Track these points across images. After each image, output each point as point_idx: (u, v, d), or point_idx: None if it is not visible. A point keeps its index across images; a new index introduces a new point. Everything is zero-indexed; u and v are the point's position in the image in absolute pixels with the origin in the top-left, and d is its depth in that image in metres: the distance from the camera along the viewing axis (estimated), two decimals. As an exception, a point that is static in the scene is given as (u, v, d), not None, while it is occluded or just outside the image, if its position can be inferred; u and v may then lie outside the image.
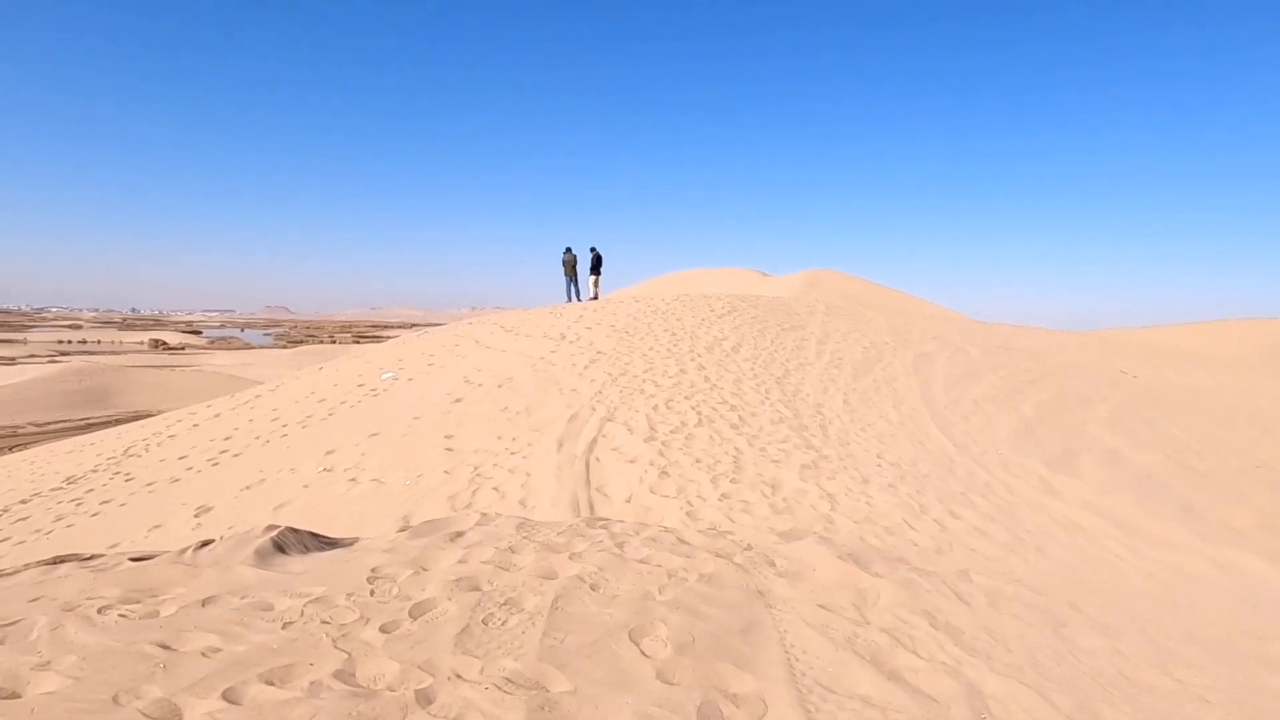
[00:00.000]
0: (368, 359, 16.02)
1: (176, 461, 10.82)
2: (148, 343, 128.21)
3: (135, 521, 8.11)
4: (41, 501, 10.67)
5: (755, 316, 14.43)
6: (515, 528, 3.50)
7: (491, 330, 16.11)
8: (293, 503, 7.07)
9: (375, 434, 8.76)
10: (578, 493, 5.65)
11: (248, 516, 7.02)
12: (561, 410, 8.02)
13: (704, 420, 7.38)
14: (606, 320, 13.99)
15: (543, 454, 6.62)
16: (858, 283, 47.96)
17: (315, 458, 8.47)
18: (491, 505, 5.72)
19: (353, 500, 6.62)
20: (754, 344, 11.71)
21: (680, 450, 6.42)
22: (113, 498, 9.55)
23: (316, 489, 7.30)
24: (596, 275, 20.78)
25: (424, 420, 8.84)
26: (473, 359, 12.76)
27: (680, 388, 8.71)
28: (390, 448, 8.00)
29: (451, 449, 7.34)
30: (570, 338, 12.48)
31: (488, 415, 8.36)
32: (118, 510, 8.90)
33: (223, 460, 10.00)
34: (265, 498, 7.49)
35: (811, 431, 7.46)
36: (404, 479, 6.80)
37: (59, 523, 8.99)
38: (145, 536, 7.42)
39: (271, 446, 10.03)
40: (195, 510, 7.72)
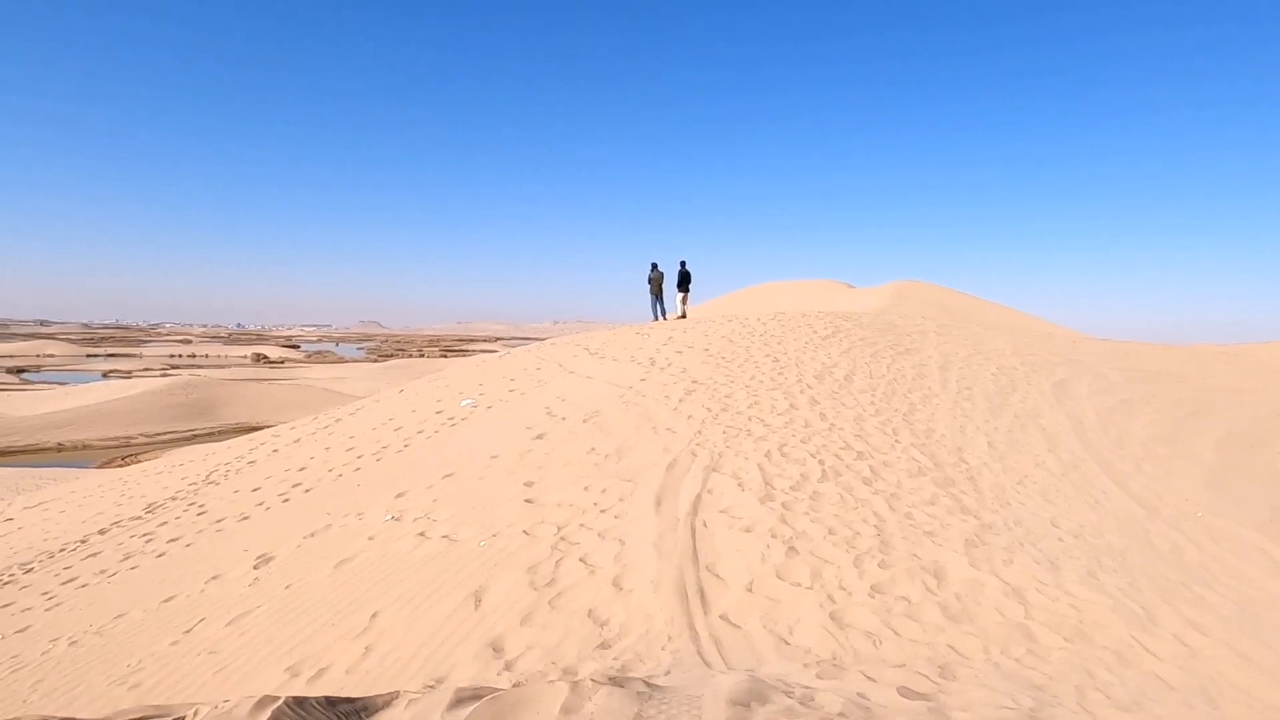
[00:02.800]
0: (447, 382, 15.37)
1: (250, 494, 10.27)
2: (250, 356, 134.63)
3: (196, 569, 7.45)
4: (118, 533, 10.28)
5: (863, 338, 13.07)
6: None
7: (575, 353, 15.23)
8: (355, 559, 6.22)
9: (450, 474, 7.90)
10: (684, 573, 4.56)
11: (307, 574, 6.21)
12: (657, 454, 6.96)
13: (829, 473, 6.18)
14: (699, 343, 12.89)
15: (638, 514, 5.56)
16: (949, 294, 45.34)
17: (385, 500, 7.66)
18: (578, 584, 4.69)
19: (419, 562, 5.71)
20: (868, 371, 10.40)
21: (806, 515, 5.24)
22: (181, 535, 9.00)
23: (382, 542, 6.44)
24: (685, 292, 19.72)
25: (502, 460, 7.93)
26: (555, 386, 11.86)
27: (793, 428, 7.53)
28: (464, 494, 7.10)
29: (531, 500, 6.36)
30: (661, 364, 11.43)
31: (572, 458, 7.37)
32: (182, 552, 8.30)
33: (294, 496, 9.35)
34: (327, 550, 6.68)
35: (960, 487, 6.17)
36: (478, 538, 5.86)
37: (125, 563, 8.46)
38: (202, 590, 6.72)
39: (343, 483, 9.32)
40: (256, 560, 6.99)
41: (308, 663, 4.70)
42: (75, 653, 5.95)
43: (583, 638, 4.11)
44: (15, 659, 6.06)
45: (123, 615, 6.54)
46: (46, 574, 8.80)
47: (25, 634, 6.67)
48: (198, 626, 5.84)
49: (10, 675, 5.74)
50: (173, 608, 6.46)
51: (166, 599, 6.68)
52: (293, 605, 5.70)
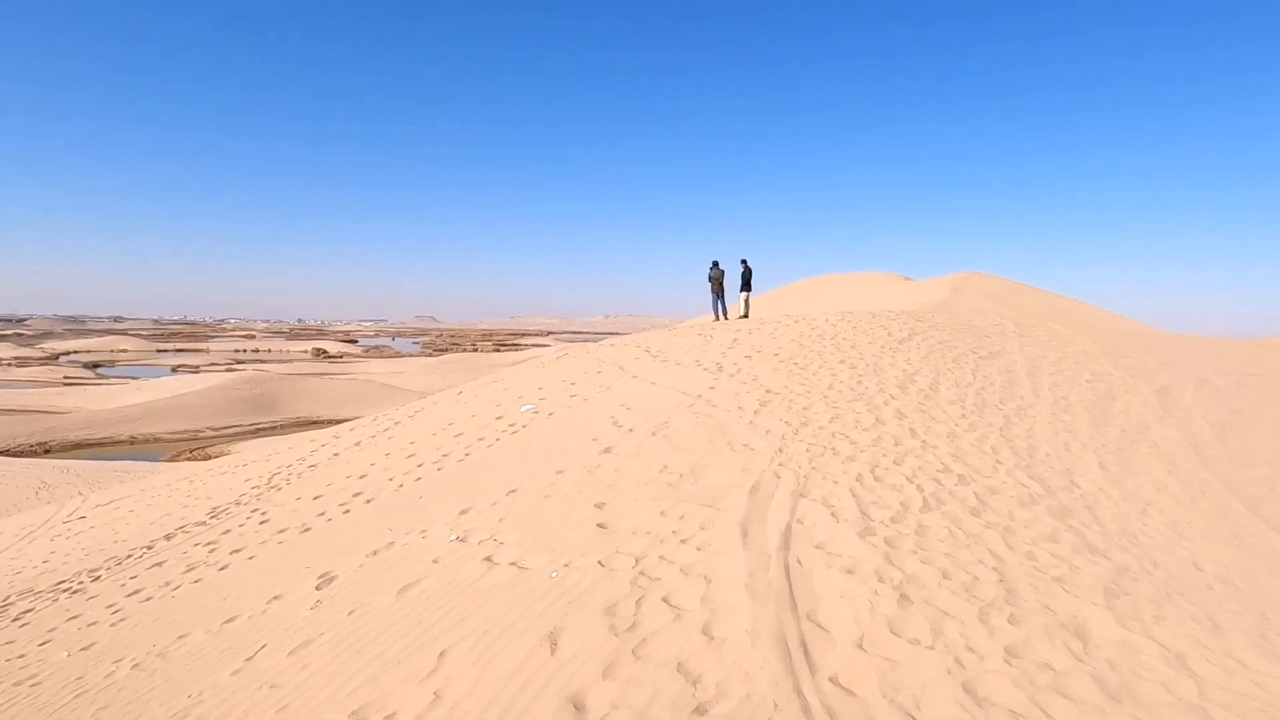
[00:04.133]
0: (506, 385, 15.12)
1: (311, 502, 10.12)
2: (311, 351, 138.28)
3: (258, 585, 7.25)
4: (183, 540, 10.24)
5: (942, 341, 12.35)
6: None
7: (636, 355, 14.82)
8: (420, 584, 5.90)
9: (514, 490, 7.55)
10: (783, 622, 4.08)
11: (369, 599, 5.91)
12: (736, 475, 6.48)
13: (930, 501, 5.62)
14: (768, 347, 12.34)
15: (723, 546, 5.10)
16: (1011, 286, 43.54)
17: (448, 516, 7.35)
18: (664, 630, 4.25)
19: (487, 593, 5.35)
20: (953, 379, 9.73)
21: (914, 553, 4.71)
22: (244, 546, 8.86)
23: (447, 566, 6.11)
24: (747, 291, 19.15)
25: (568, 476, 7.54)
26: (619, 391, 11.46)
27: (883, 446, 6.97)
28: (531, 513, 6.73)
29: (604, 525, 5.95)
30: (729, 370, 10.93)
31: (644, 476, 6.94)
32: (244, 565, 8.14)
33: (354, 507, 9.14)
34: (391, 572, 6.39)
35: (1079, 518, 5.55)
36: (549, 567, 5.47)
37: (188, 574, 8.35)
38: (264, 610, 6.49)
39: (404, 494, 9.08)
40: (318, 579, 6.74)
41: (373, 708, 4.36)
42: (137, 678, 5.75)
43: (674, 698, 3.67)
44: (79, 681, 5.91)
45: (185, 636, 6.35)
46: (113, 583, 8.75)
47: (90, 652, 6.54)
48: (259, 654, 5.58)
49: (74, 700, 5.57)
50: (234, 630, 6.23)
51: (228, 619, 6.47)
52: (356, 635, 5.39)
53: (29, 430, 47.53)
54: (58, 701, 5.55)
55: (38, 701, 5.62)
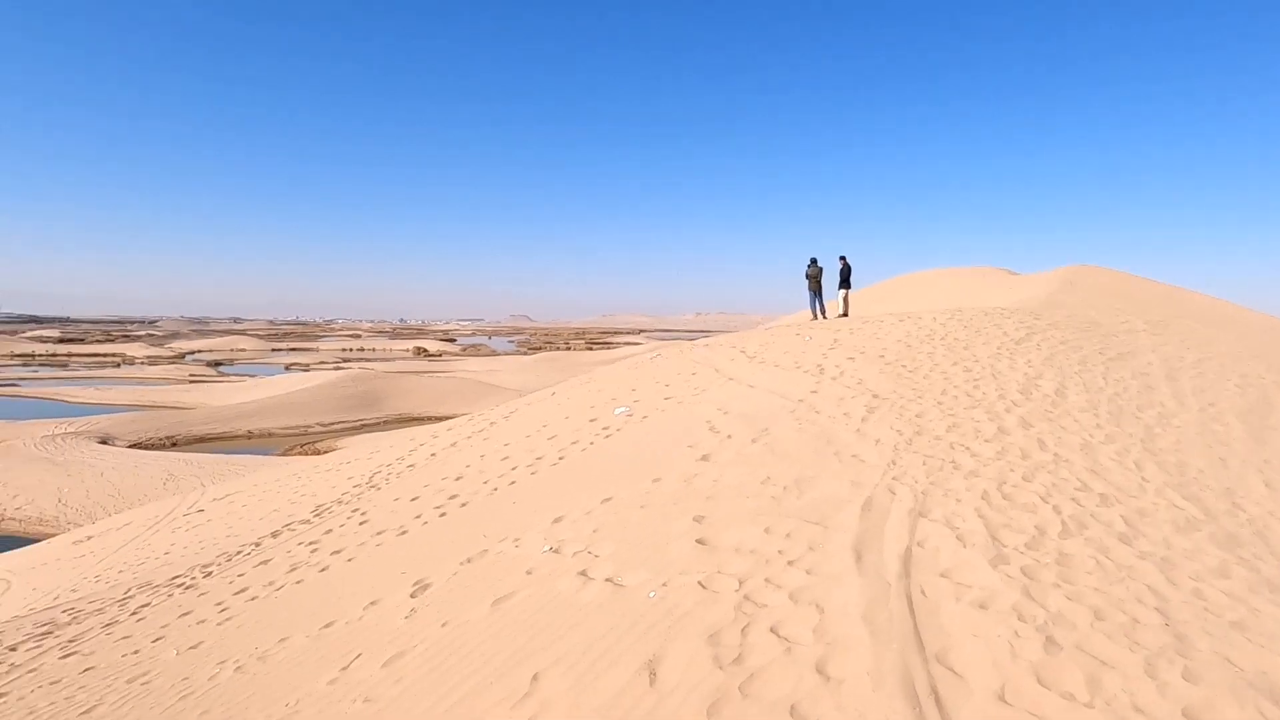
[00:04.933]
0: (600, 386, 14.97)
1: (408, 504, 10.19)
2: (412, 350, 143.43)
3: (355, 588, 7.26)
4: (289, 539, 10.49)
5: (1064, 341, 11.42)
6: None
7: (731, 356, 14.40)
8: (513, 597, 5.72)
9: (608, 499, 7.30)
10: (909, 663, 3.64)
11: (463, 611, 5.77)
12: (845, 489, 6.02)
13: (1071, 525, 5.02)
14: (872, 347, 11.71)
15: (836, 571, 4.68)
16: (1127, 279, 40.50)
17: (541, 525, 7.17)
18: (773, 665, 3.88)
19: (582, 611, 5.10)
20: (1082, 383, 8.91)
21: (1057, 587, 4.17)
22: (343, 547, 8.97)
23: (541, 579, 5.90)
24: (847, 289, 18.42)
25: (665, 485, 7.24)
26: (714, 394, 11.09)
27: (1008, 459, 6.36)
28: (626, 525, 6.46)
29: (704, 541, 5.61)
30: (831, 372, 10.39)
31: (745, 487, 6.56)
32: (343, 567, 8.21)
33: (450, 510, 9.11)
34: (485, 582, 6.24)
35: (1249, 548, 4.85)
36: (646, 585, 5.18)
37: (291, 575, 8.49)
38: (360, 615, 6.46)
39: (498, 499, 8.98)
40: (413, 586, 6.67)
41: (466, 733, 4.19)
42: (239, 681, 5.79)
43: (788, 747, 3.31)
44: (185, 682, 6.01)
45: (285, 639, 6.39)
46: (222, 580, 9.01)
47: (197, 651, 6.67)
48: (355, 664, 5.51)
49: (179, 702, 5.65)
50: (332, 635, 6.22)
51: (326, 624, 6.47)
52: (449, 649, 5.24)
53: (158, 425, 50.95)
54: (164, 702, 5.64)
55: (146, 701, 5.73)
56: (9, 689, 6.41)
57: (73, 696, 6.04)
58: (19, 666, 6.96)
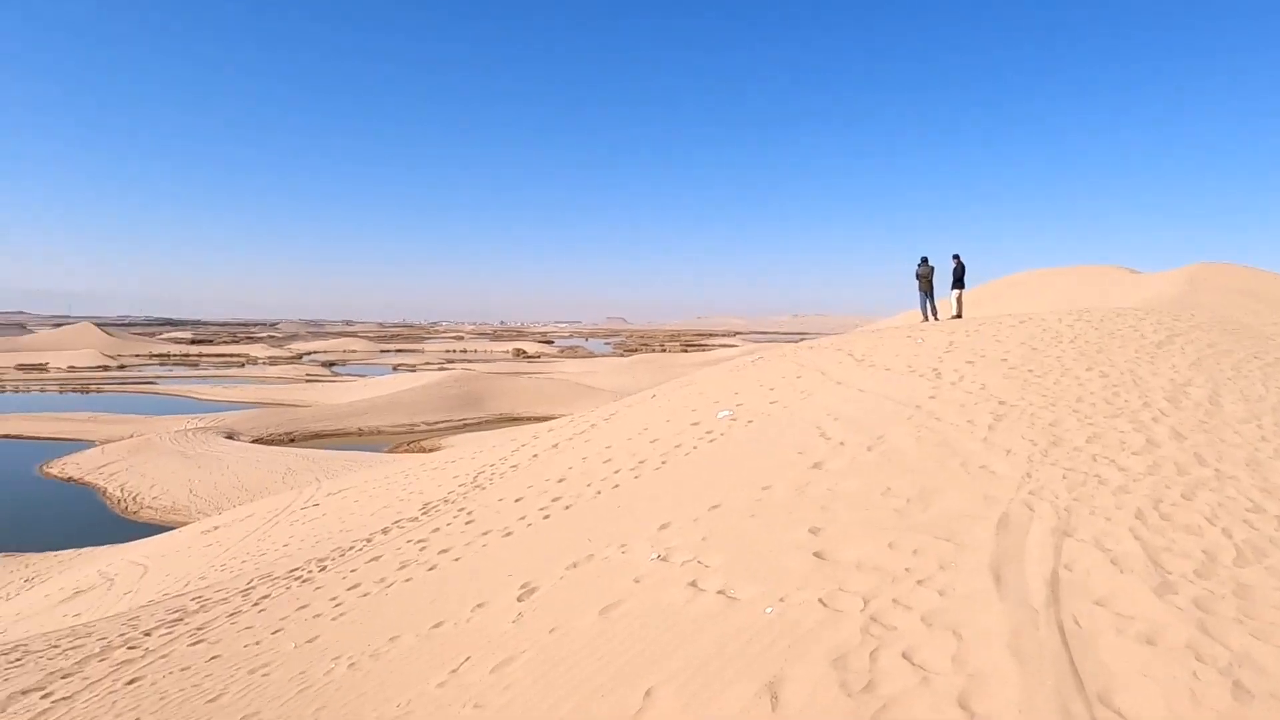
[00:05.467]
0: (701, 389, 14.74)
1: (513, 505, 10.25)
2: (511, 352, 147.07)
3: (463, 590, 7.30)
4: (397, 536, 10.72)
5: (1212, 344, 10.43)
6: None
7: (838, 359, 13.90)
8: (621, 606, 5.57)
9: (716, 506, 7.07)
10: (1068, 704, 3.25)
11: (571, 617, 5.66)
12: (976, 504, 5.58)
13: (1247, 551, 4.45)
14: (993, 351, 11.03)
15: (973, 593, 4.30)
16: (1257, 275, 37.08)
17: (648, 531, 7.01)
18: (908, 695, 3.56)
19: (694, 624, 4.89)
20: (1238, 391, 8.06)
21: (1239, 623, 3.67)
22: (450, 547, 9.07)
23: (650, 587, 5.73)
24: (960, 288, 17.55)
25: (775, 493, 6.95)
26: (822, 399, 10.68)
27: (1163, 474, 5.76)
28: (737, 534, 6.22)
29: (821, 555, 5.31)
30: (950, 377, 9.82)
31: (863, 499, 6.20)
32: (450, 567, 8.29)
33: (554, 513, 9.09)
34: (592, 588, 6.12)
35: None
36: (762, 599, 4.92)
37: (401, 572, 8.64)
38: (468, 617, 6.47)
39: (602, 501, 8.90)
40: (520, 589, 6.63)
41: (577, 747, 4.05)
42: (352, 678, 5.87)
43: (932, 791, 3.00)
44: (302, 675, 6.14)
45: (396, 638, 6.45)
46: (336, 575, 9.27)
47: (313, 645, 6.84)
48: (464, 666, 5.49)
49: (297, 695, 5.77)
50: (441, 636, 6.24)
51: (435, 624, 6.50)
52: (557, 657, 5.14)
53: (278, 421, 53.99)
54: (283, 696, 5.77)
55: (267, 693, 5.88)
56: (144, 673, 6.74)
57: (200, 684, 6.28)
58: (153, 652, 7.32)
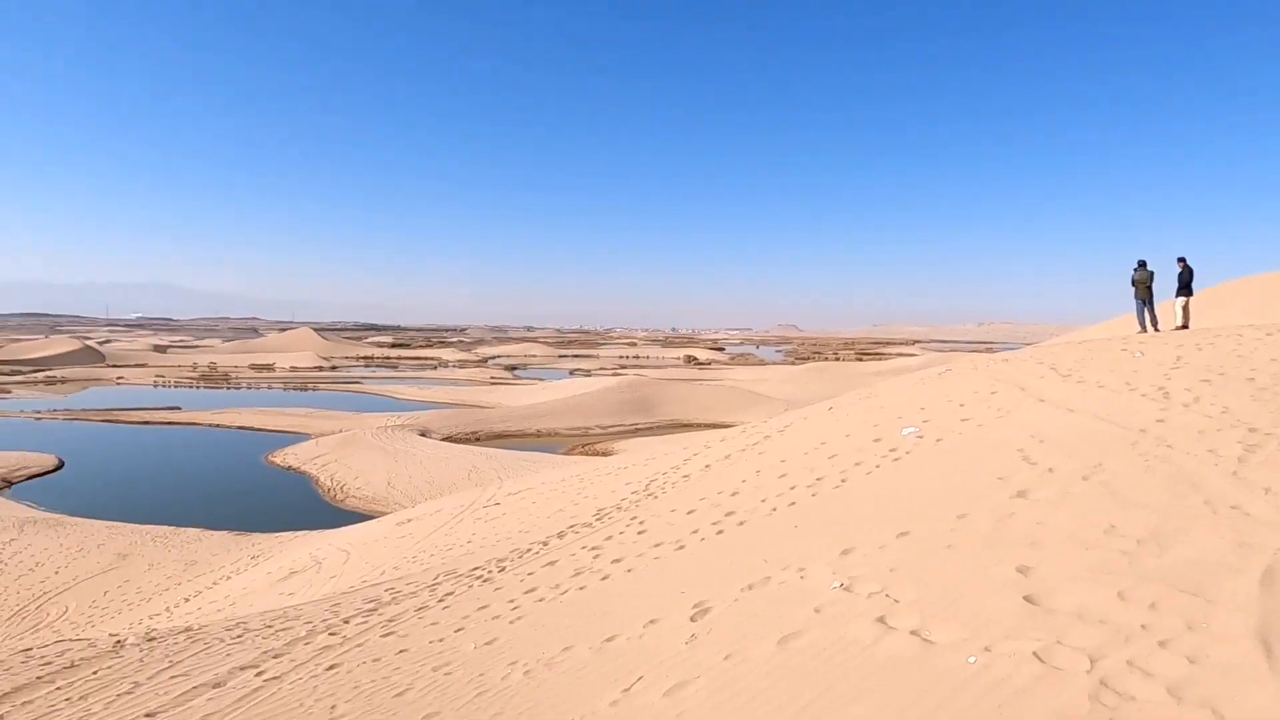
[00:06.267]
0: (882, 403, 13.94)
1: (685, 517, 10.11)
2: (683, 358, 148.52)
3: (636, 603, 7.22)
4: (573, 541, 10.90)
5: None
6: None
7: (1039, 372, 12.67)
8: (801, 637, 5.23)
9: (905, 533, 6.54)
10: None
11: (747, 645, 5.40)
12: (1229, 552, 4.72)
13: None
14: (1234, 368, 9.55)
15: (1233, 662, 3.58)
16: None
17: (828, 555, 6.60)
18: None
19: (883, 667, 4.46)
20: None
21: None
22: (623, 556, 9.07)
23: (831, 619, 5.35)
24: (1187, 295, 15.49)
25: (972, 522, 6.31)
26: (1023, 418, 9.71)
27: None
28: (930, 566, 5.68)
29: (1032, 599, 4.69)
30: (1181, 397, 8.58)
31: (1081, 536, 5.46)
32: (623, 578, 8.26)
33: (727, 528, 8.85)
34: (769, 614, 5.82)
35: None
36: (963, 646, 4.41)
37: (575, 579, 8.73)
38: (640, 633, 6.36)
39: (778, 520, 8.54)
40: (693, 608, 6.44)
41: (755, 793, 3.78)
42: (527, 686, 5.93)
43: None
44: (481, 678, 6.29)
45: (570, 648, 6.46)
46: (514, 577, 9.54)
47: (491, 648, 7.01)
48: (636, 686, 5.37)
49: (475, 698, 5.90)
50: (614, 651, 6.17)
51: (608, 638, 6.45)
52: (733, 687, 4.89)
53: (465, 421, 57.61)
54: (463, 697, 5.93)
55: (449, 692, 6.07)
56: (341, 660, 7.20)
57: (389, 677, 6.60)
58: (349, 640, 7.83)
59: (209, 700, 6.58)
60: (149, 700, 6.66)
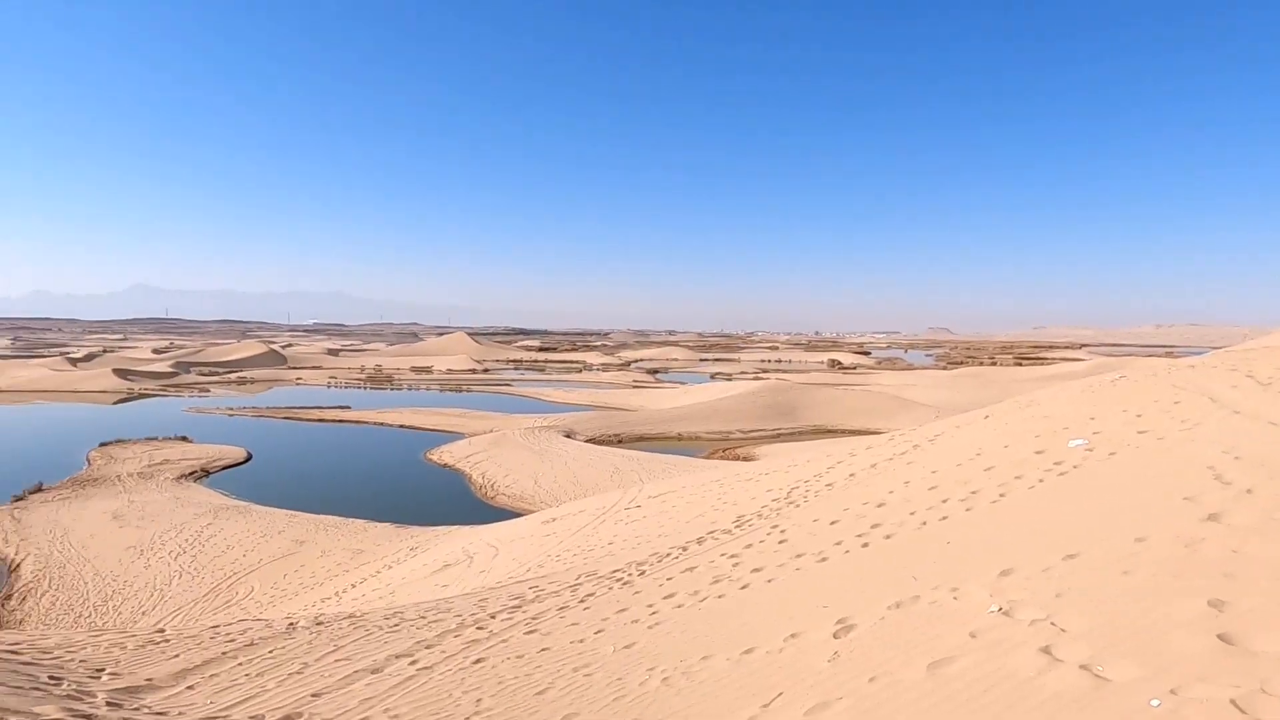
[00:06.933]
0: (1045, 411, 12.95)
1: (828, 528, 9.81)
2: (826, 362, 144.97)
3: (775, 615, 7.06)
4: (711, 547, 10.84)
5: None
6: None
7: (1233, 380, 11.35)
8: (954, 663, 4.90)
9: (1073, 555, 6.01)
10: None
11: (894, 667, 5.13)
12: None
13: None
14: None
15: None
16: None
17: (985, 576, 6.18)
18: None
19: (1048, 703, 4.09)
20: None
21: None
22: (763, 566, 8.92)
23: (989, 646, 4.98)
24: None
25: (1154, 547, 5.70)
26: (1212, 431, 8.71)
27: None
28: (1103, 594, 5.18)
29: (1228, 639, 4.16)
30: None
31: (1292, 569, 4.79)
32: (763, 589, 8.11)
33: (873, 541, 8.50)
34: (918, 636, 5.51)
35: None
36: (1144, 687, 3.97)
37: (714, 587, 8.67)
38: (780, 647, 6.21)
39: (928, 534, 8.11)
40: (836, 624, 6.22)
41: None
42: (665, 694, 5.92)
43: None
44: (619, 682, 6.34)
45: (708, 658, 6.40)
46: (653, 581, 9.59)
47: (630, 652, 7.06)
48: (776, 703, 5.23)
49: (613, 703, 5.95)
50: (752, 663, 6.05)
51: (747, 649, 6.33)
52: (878, 711, 4.65)
53: (608, 423, 58.80)
54: (601, 700, 6.00)
55: (588, 694, 6.16)
56: (487, 655, 7.49)
57: (531, 674, 6.79)
58: (495, 635, 8.14)
59: (367, 685, 7.03)
60: (315, 681, 7.20)
